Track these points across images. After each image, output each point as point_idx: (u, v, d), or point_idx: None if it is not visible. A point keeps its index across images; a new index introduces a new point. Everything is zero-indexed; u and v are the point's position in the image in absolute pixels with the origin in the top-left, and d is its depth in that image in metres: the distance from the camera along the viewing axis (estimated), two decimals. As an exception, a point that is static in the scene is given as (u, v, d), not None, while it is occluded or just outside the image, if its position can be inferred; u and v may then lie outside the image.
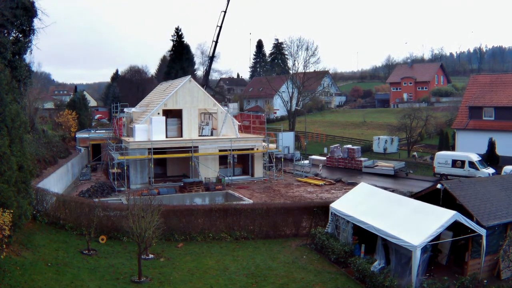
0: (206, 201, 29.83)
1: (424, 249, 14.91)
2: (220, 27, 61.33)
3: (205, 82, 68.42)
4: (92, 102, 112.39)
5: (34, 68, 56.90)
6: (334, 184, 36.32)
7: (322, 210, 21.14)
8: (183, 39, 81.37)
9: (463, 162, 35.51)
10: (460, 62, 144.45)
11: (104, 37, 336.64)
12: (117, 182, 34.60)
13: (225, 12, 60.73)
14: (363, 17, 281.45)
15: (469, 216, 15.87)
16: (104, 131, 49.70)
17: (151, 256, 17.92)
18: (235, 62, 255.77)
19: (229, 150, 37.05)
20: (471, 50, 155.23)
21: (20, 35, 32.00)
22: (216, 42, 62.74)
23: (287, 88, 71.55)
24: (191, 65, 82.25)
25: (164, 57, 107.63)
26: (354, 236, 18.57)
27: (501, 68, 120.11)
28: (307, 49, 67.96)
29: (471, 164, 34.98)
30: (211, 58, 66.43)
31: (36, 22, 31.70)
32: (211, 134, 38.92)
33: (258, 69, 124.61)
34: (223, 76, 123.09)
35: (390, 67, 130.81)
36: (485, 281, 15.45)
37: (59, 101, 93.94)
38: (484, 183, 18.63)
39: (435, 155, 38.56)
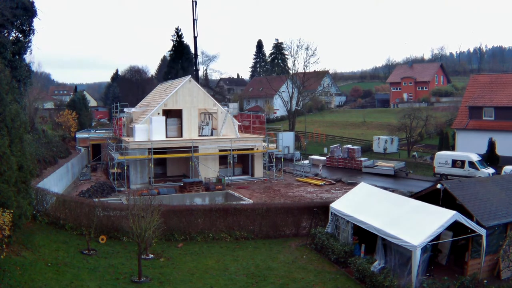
0: (206, 201, 29.81)
1: (424, 249, 14.90)
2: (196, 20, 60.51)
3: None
4: (92, 102, 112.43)
5: (34, 68, 57.06)
6: (334, 184, 36.31)
7: (322, 210, 21.12)
8: (183, 39, 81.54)
9: (463, 162, 35.50)
10: (460, 62, 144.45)
11: (105, 36, 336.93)
12: (117, 182, 34.59)
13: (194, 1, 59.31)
14: (363, 18, 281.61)
15: (469, 216, 15.86)
16: (104, 131, 49.69)
17: (151, 256, 17.91)
18: (235, 62, 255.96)
19: (229, 150, 37.04)
20: (471, 50, 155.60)
21: (20, 35, 32.02)
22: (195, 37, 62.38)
23: (287, 88, 71.59)
24: (191, 65, 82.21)
25: (164, 57, 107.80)
26: (354, 236, 18.56)
27: (501, 68, 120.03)
28: (307, 49, 68.03)
29: (471, 164, 34.96)
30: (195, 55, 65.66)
31: (36, 22, 31.74)
32: (211, 134, 38.90)
33: (258, 69, 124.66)
34: (223, 76, 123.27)
35: (390, 67, 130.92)
36: (485, 281, 15.44)
37: (59, 101, 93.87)
38: (484, 183, 18.63)
39: (435, 155, 38.54)
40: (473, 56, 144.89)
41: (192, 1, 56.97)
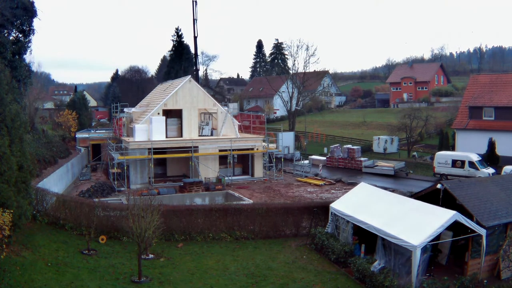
0: (206, 201, 29.82)
1: (424, 249, 14.91)
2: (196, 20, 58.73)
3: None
4: (92, 102, 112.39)
5: (34, 68, 57.07)
6: (334, 184, 36.30)
7: (322, 210, 21.12)
8: (183, 39, 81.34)
9: (463, 162, 35.48)
10: (460, 62, 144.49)
11: (105, 37, 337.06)
12: (117, 182, 34.58)
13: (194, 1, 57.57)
14: (363, 18, 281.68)
15: (469, 216, 15.87)
16: (104, 131, 49.69)
17: (151, 256, 17.92)
18: (235, 62, 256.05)
19: (229, 150, 37.03)
20: (471, 50, 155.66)
21: (20, 35, 32.02)
22: (195, 37, 60.29)
23: (287, 88, 71.58)
24: (191, 65, 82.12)
25: (164, 57, 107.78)
26: (354, 236, 18.57)
27: (501, 68, 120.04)
28: (307, 49, 67.97)
29: (471, 164, 34.95)
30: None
31: (36, 22, 31.77)
32: (211, 134, 38.90)
33: (258, 69, 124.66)
34: (223, 76, 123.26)
35: (390, 67, 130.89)
36: (485, 281, 15.45)
37: (59, 101, 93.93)
38: (484, 183, 18.63)
39: (435, 155, 38.52)
40: (473, 56, 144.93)
41: (192, 1, 56.61)
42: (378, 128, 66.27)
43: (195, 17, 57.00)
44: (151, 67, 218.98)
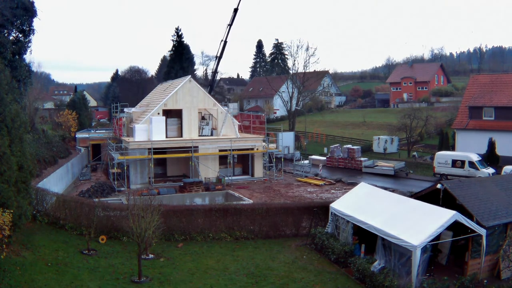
0: (206, 201, 29.82)
1: (424, 249, 14.91)
2: (231, 25, 56.03)
3: (211, 83, 63.93)
4: (92, 102, 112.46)
5: (34, 68, 57.11)
6: (334, 184, 36.30)
7: (322, 210, 21.13)
8: (183, 39, 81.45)
9: (463, 162, 35.49)
10: (460, 62, 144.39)
11: (105, 37, 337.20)
12: (117, 182, 34.58)
13: (236, 9, 55.77)
14: (363, 18, 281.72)
15: (469, 216, 15.86)
16: (104, 131, 49.69)
17: (151, 256, 17.92)
18: (235, 62, 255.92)
19: (229, 150, 37.04)
20: (471, 50, 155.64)
21: (20, 35, 32.03)
22: (225, 41, 56.88)
23: (287, 88, 71.62)
24: (191, 65, 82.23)
25: (164, 57, 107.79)
26: (354, 236, 18.57)
27: (501, 68, 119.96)
28: (307, 49, 68.00)
29: (471, 164, 34.96)
30: (219, 58, 58.35)
31: (36, 22, 31.77)
32: (211, 134, 38.91)
33: (258, 69, 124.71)
34: (223, 76, 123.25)
35: (390, 67, 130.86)
36: (485, 281, 15.45)
37: (59, 101, 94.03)
38: (484, 183, 18.64)
39: (435, 155, 38.53)
40: (473, 56, 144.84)
41: (234, 9, 55.62)
42: (378, 128, 66.24)
43: (231, 23, 55.86)
44: (151, 67, 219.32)
